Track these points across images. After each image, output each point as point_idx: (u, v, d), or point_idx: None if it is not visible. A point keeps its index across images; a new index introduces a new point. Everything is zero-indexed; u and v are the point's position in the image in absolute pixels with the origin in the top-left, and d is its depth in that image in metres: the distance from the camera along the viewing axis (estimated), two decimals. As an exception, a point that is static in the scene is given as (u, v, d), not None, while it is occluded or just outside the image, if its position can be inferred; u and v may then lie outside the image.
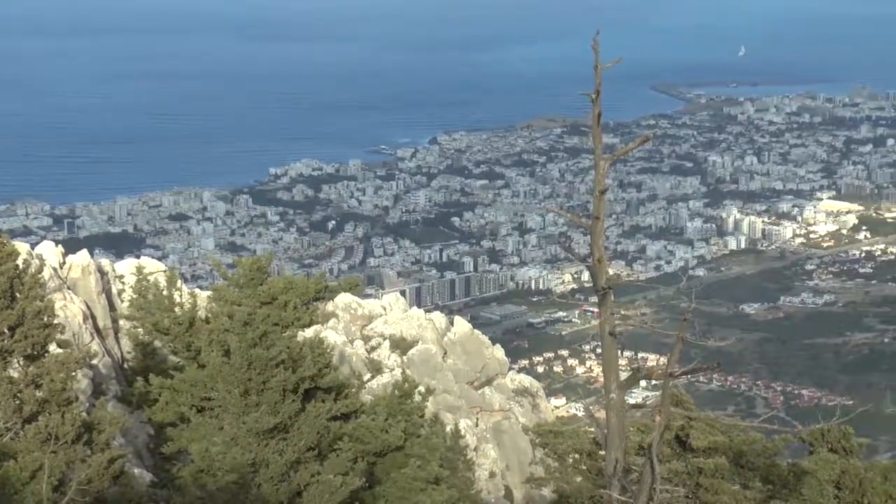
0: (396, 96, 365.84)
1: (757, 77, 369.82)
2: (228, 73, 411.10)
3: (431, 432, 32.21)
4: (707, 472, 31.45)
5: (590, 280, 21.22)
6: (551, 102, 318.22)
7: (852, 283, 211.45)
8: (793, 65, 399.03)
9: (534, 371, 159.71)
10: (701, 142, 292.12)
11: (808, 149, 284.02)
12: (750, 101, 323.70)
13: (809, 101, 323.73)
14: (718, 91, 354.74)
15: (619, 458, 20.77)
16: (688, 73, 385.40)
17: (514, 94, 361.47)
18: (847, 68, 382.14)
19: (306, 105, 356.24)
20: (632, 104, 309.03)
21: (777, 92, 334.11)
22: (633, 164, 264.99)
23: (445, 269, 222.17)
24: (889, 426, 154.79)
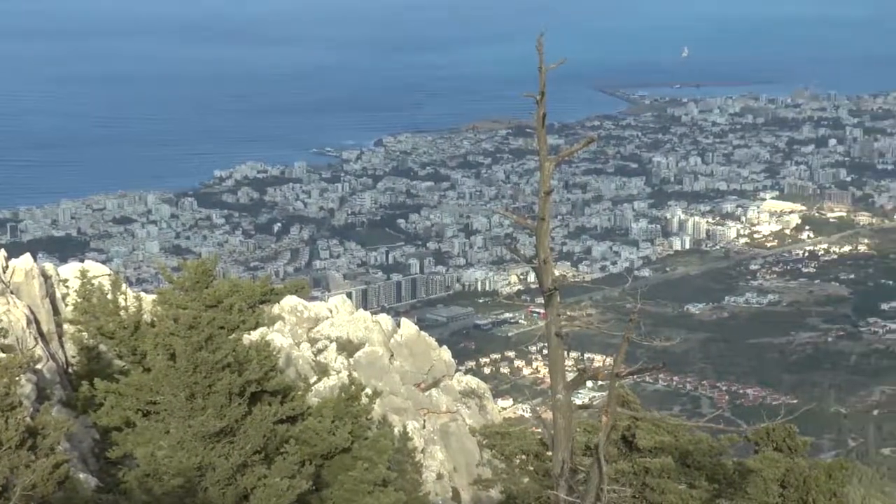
0: (341, 98, 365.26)
1: (700, 78, 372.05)
2: (174, 75, 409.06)
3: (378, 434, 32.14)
4: (653, 471, 31.59)
5: (536, 281, 21.24)
6: (496, 104, 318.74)
7: (796, 283, 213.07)
8: (735, 66, 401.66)
9: (481, 372, 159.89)
10: (645, 143, 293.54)
11: (752, 149, 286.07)
12: (694, 102, 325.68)
13: (752, 102, 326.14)
14: (662, 92, 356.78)
15: (566, 458, 20.81)
16: (632, 75, 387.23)
17: (459, 96, 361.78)
18: (789, 70, 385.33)
19: (251, 107, 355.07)
20: (576, 105, 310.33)
21: (720, 93, 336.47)
22: (578, 166, 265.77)
23: (391, 271, 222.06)
24: (833, 424, 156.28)
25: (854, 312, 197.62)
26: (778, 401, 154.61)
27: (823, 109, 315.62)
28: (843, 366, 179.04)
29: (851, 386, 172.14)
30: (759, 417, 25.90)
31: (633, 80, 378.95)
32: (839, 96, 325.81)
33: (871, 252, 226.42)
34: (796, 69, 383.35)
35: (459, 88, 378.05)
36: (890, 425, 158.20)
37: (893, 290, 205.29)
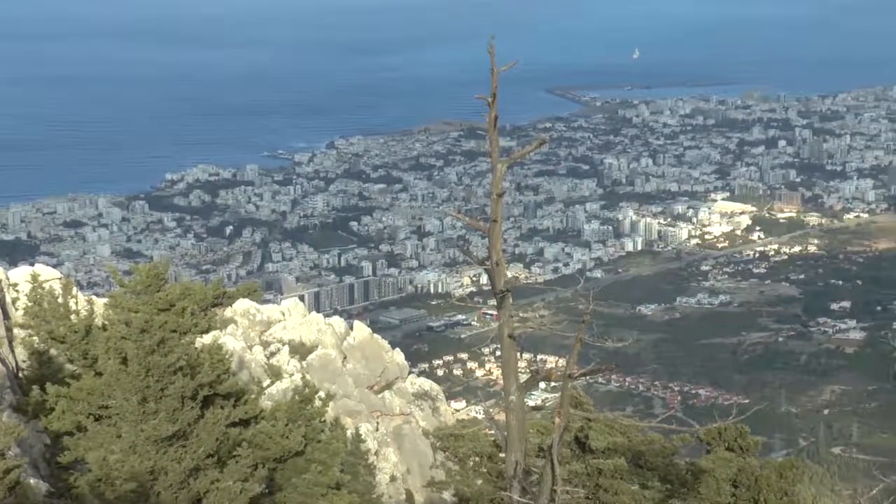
0: (293, 101, 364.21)
1: (651, 80, 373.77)
2: (125, 78, 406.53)
3: (332, 437, 32.09)
4: (606, 472, 31.69)
5: (488, 283, 21.27)
6: (448, 106, 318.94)
7: (747, 283, 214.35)
8: (686, 68, 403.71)
9: (433, 374, 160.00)
10: (597, 144, 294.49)
11: (702, 151, 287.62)
12: (644, 104, 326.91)
13: (703, 103, 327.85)
14: (613, 94, 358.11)
15: (519, 460, 20.84)
16: (583, 77, 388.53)
17: (410, 98, 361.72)
18: (739, 71, 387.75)
19: (203, 110, 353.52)
20: (528, 107, 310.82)
21: (671, 94, 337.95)
22: (530, 167, 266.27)
23: (344, 273, 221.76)
24: (784, 424, 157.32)
25: (804, 312, 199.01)
26: (729, 401, 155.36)
27: (773, 111, 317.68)
28: (793, 365, 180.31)
29: (802, 385, 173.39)
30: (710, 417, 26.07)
31: (585, 81, 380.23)
32: (788, 98, 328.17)
33: (821, 252, 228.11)
34: (746, 71, 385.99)
35: (411, 91, 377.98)
36: (840, 424, 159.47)
37: (843, 290, 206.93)
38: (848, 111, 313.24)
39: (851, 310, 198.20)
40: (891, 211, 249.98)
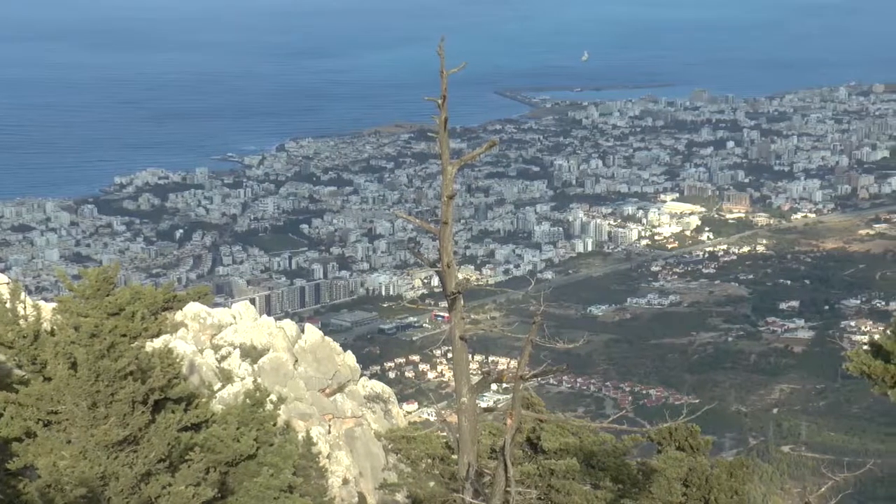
0: (243, 104, 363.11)
1: (600, 82, 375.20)
2: (72, 81, 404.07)
3: (284, 440, 32.01)
4: (559, 473, 31.77)
5: (440, 285, 21.28)
6: (398, 108, 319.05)
7: (696, 284, 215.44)
8: (635, 69, 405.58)
9: (385, 377, 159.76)
10: (547, 146, 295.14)
11: (652, 152, 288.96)
12: (594, 106, 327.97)
13: (652, 104, 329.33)
14: (563, 95, 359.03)
15: (471, 461, 20.86)
16: (533, 78, 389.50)
17: (360, 100, 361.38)
18: (687, 72, 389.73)
19: (151, 113, 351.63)
20: (478, 109, 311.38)
21: (620, 96, 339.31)
22: (480, 169, 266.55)
23: (295, 276, 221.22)
24: (734, 423, 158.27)
25: (753, 312, 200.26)
26: (680, 400, 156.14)
27: (721, 112, 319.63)
28: (743, 365, 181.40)
29: (751, 385, 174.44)
30: (661, 417, 26.15)
31: (535, 83, 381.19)
32: (736, 99, 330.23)
33: (770, 252, 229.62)
34: (694, 72, 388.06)
35: (361, 93, 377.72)
36: (789, 423, 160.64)
37: (791, 290, 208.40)
38: (795, 112, 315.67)
39: (800, 309, 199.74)
40: (838, 211, 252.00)
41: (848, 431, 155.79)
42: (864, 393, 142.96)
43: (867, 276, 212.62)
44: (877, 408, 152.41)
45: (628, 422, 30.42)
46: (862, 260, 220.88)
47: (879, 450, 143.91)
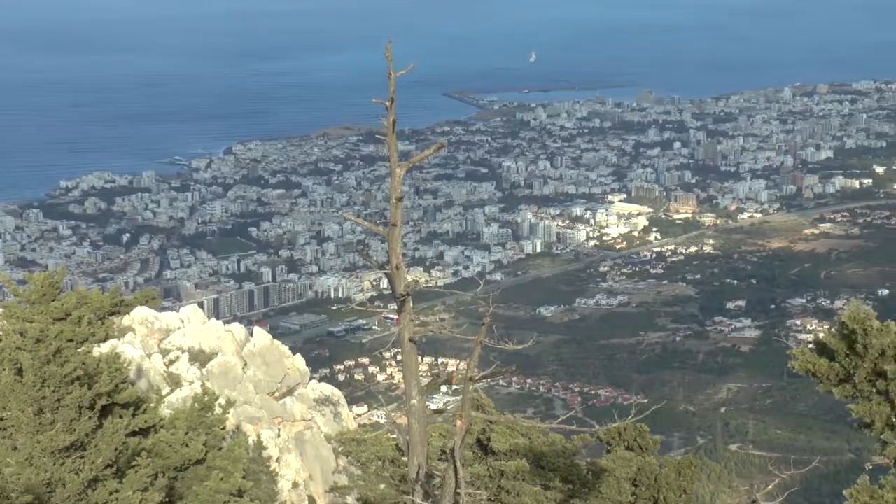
0: (189, 107, 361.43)
1: (548, 83, 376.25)
2: (14, 83, 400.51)
3: (233, 444, 31.89)
4: (509, 474, 31.81)
5: (389, 287, 21.28)
6: (346, 111, 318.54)
7: (644, 284, 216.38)
8: (582, 71, 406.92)
9: (335, 380, 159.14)
10: (495, 147, 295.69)
11: (599, 153, 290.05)
12: (542, 107, 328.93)
13: (599, 106, 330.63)
14: (511, 97, 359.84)
15: (421, 463, 20.87)
16: (480, 80, 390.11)
17: (308, 103, 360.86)
18: (633, 74, 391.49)
19: (96, 117, 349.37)
20: (426, 111, 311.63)
21: (568, 97, 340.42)
22: (428, 171, 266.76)
23: (243, 279, 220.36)
24: (682, 422, 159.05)
25: (701, 312, 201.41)
26: (629, 400, 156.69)
27: (668, 113, 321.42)
28: (690, 364, 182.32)
29: (699, 384, 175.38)
30: (610, 417, 26.26)
31: (482, 85, 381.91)
32: (683, 100, 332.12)
33: (716, 252, 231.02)
34: (641, 73, 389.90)
35: (309, 95, 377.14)
36: (736, 422, 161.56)
37: (738, 290, 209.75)
38: (740, 113, 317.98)
39: (746, 309, 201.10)
40: (783, 211, 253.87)
41: (794, 429, 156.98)
42: (810, 391, 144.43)
43: (812, 275, 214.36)
44: (822, 405, 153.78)
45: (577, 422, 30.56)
46: (807, 259, 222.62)
47: (825, 447, 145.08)
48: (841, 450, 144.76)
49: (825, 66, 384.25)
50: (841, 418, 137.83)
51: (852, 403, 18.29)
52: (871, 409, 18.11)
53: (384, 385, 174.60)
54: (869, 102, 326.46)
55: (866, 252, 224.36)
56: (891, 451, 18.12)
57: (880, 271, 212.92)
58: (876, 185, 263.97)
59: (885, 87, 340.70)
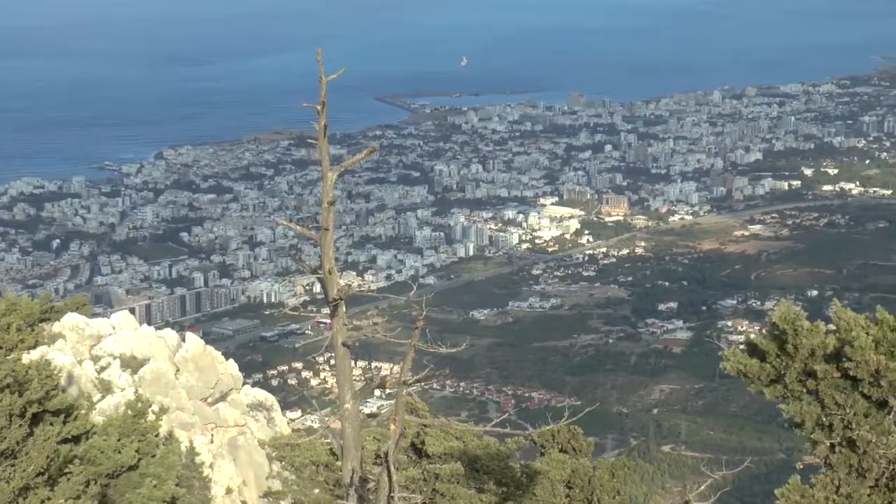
0: (119, 112, 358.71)
1: (479, 87, 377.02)
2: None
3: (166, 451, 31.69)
4: (443, 477, 31.83)
5: (321, 292, 21.22)
6: (277, 115, 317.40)
7: (577, 286, 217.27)
8: (513, 74, 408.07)
9: (268, 385, 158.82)
10: (427, 151, 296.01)
11: (531, 156, 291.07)
12: (473, 111, 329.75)
13: (530, 109, 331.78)
14: (442, 101, 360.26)
15: (355, 467, 20.83)
16: (412, 84, 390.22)
17: (239, 108, 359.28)
18: (564, 77, 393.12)
19: (24, 122, 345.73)
20: (358, 115, 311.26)
21: (499, 101, 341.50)
22: (361, 175, 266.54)
23: (175, 285, 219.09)
24: (615, 424, 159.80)
25: (633, 314, 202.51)
26: (562, 402, 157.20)
27: (599, 116, 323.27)
28: (623, 366, 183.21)
29: (632, 386, 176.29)
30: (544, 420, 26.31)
31: (414, 89, 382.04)
32: (613, 102, 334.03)
33: (648, 254, 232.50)
34: (571, 77, 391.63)
35: (239, 100, 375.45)
36: (669, 423, 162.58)
37: (670, 291, 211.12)
38: (671, 115, 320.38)
39: (678, 310, 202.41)
40: (713, 212, 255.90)
41: (726, 430, 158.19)
42: (742, 392, 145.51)
43: (743, 276, 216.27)
44: (753, 406, 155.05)
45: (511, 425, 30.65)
46: (737, 261, 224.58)
47: (757, 447, 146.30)
48: (772, 450, 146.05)
49: (753, 69, 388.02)
50: (772, 418, 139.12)
51: (783, 403, 18.47)
52: (802, 408, 18.30)
53: (318, 390, 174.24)
54: (797, 105, 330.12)
55: (796, 253, 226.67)
56: (821, 450, 18.31)
57: (809, 272, 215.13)
58: (805, 186, 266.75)
59: (813, 90, 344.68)
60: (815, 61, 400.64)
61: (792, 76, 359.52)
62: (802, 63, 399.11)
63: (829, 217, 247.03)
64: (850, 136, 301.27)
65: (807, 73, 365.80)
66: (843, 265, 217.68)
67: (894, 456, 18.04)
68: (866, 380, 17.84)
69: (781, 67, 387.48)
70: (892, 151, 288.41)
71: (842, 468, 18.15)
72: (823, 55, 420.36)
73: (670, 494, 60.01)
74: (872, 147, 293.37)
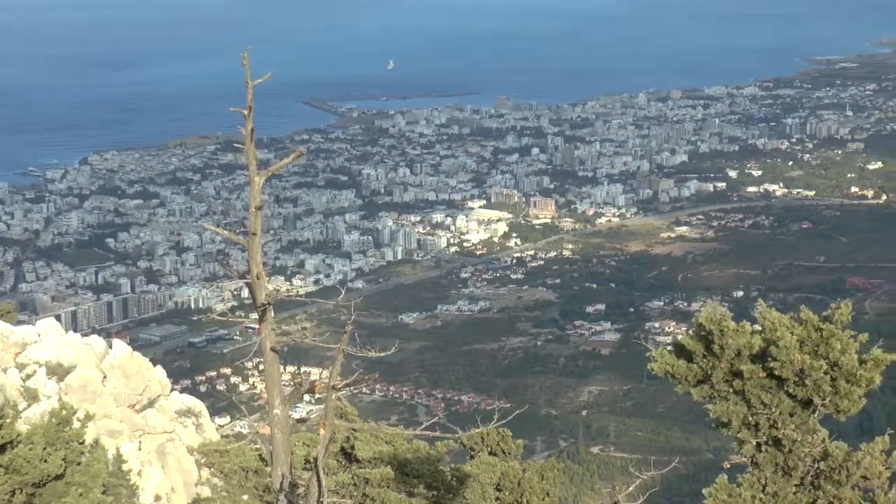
0: (43, 117, 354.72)
1: (406, 90, 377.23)
2: None
3: (92, 459, 31.40)
4: (373, 482, 31.81)
5: (249, 297, 21.13)
6: (204, 119, 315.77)
7: (505, 289, 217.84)
8: (440, 78, 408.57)
9: (197, 391, 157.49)
10: (354, 155, 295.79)
11: (459, 159, 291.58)
12: (401, 114, 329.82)
13: (458, 112, 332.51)
14: (369, 105, 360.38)
15: (285, 473, 20.77)
16: (339, 88, 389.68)
17: (165, 113, 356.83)
18: (491, 81, 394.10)
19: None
20: (285, 120, 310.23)
21: (426, 104, 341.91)
22: (288, 180, 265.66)
23: (102, 291, 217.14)
24: (545, 426, 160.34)
25: (561, 316, 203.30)
26: (491, 405, 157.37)
27: (526, 119, 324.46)
28: (552, 368, 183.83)
29: (561, 388, 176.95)
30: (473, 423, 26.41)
31: (341, 93, 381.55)
32: (540, 106, 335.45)
33: (576, 257, 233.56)
34: (497, 80, 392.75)
35: (165, 105, 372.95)
36: (598, 424, 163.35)
37: (597, 293, 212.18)
38: (597, 118, 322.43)
39: (606, 312, 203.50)
40: (640, 214, 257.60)
41: (654, 430, 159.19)
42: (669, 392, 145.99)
43: (670, 277, 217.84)
44: (681, 406, 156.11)
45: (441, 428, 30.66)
46: (664, 262, 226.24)
47: (684, 447, 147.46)
48: (700, 449, 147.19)
49: (678, 72, 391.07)
50: (699, 418, 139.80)
51: (710, 404, 18.64)
52: (728, 408, 18.47)
53: (247, 395, 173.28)
54: (721, 107, 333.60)
55: (721, 254, 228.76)
56: (747, 449, 18.49)
57: (735, 273, 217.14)
58: (729, 188, 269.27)
59: (737, 93, 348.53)
60: (739, 64, 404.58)
61: (715, 79, 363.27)
62: (726, 66, 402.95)
63: (753, 218, 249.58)
64: (773, 137, 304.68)
65: (730, 75, 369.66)
66: (768, 266, 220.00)
67: (819, 454, 18.26)
68: (791, 379, 18.04)
69: (705, 70, 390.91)
70: (815, 153, 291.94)
71: (768, 467, 18.34)
72: (746, 58, 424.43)
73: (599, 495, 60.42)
74: (795, 148, 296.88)
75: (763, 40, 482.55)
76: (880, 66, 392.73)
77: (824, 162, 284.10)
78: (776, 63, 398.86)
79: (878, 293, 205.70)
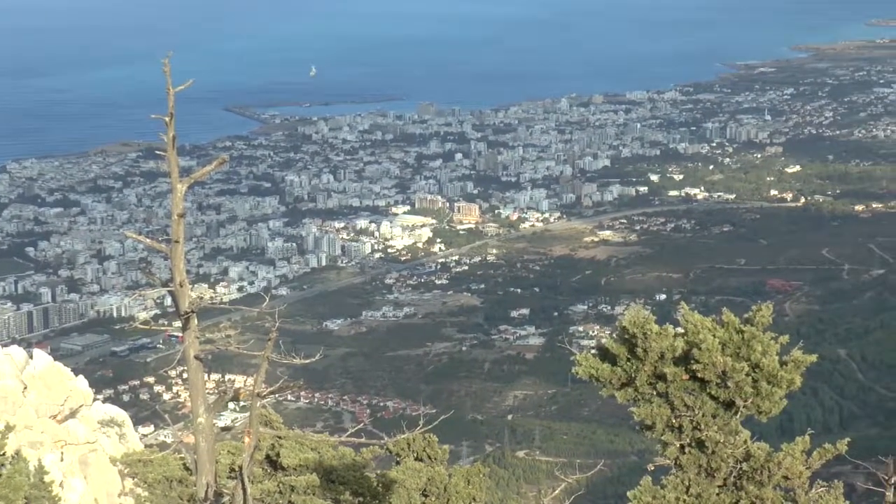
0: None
1: (329, 97, 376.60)
2: None
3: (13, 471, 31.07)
4: (299, 489, 31.72)
5: (173, 305, 21.01)
6: (124, 127, 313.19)
7: (430, 295, 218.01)
8: (362, 84, 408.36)
9: (120, 400, 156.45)
10: (278, 162, 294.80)
11: (382, 165, 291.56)
12: (324, 121, 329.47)
13: (381, 118, 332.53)
14: (292, 111, 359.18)
15: (210, 482, 20.65)
16: (261, 94, 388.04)
17: (85, 120, 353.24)
18: (413, 86, 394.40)
19: None
20: (207, 127, 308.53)
21: (349, 111, 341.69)
22: (211, 187, 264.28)
23: (22, 300, 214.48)
24: (470, 431, 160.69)
25: (486, 321, 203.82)
26: (417, 411, 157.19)
27: (449, 124, 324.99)
28: (477, 373, 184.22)
29: (486, 392, 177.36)
30: (399, 428, 26.38)
31: (263, 99, 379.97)
32: (463, 111, 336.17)
33: (500, 261, 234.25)
34: (420, 86, 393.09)
35: (85, 112, 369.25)
36: (523, 428, 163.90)
37: (522, 298, 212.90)
38: (520, 123, 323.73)
39: (530, 316, 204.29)
40: (564, 219, 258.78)
41: (579, 434, 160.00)
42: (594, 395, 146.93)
43: (593, 281, 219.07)
44: (605, 409, 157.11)
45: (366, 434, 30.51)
46: (588, 266, 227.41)
47: (609, 450, 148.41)
48: (624, 452, 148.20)
49: (599, 77, 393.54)
50: (624, 421, 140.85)
51: (634, 406, 18.77)
52: (652, 411, 18.61)
53: (170, 404, 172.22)
54: (642, 112, 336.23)
55: (644, 258, 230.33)
56: (671, 451, 18.64)
57: (658, 276, 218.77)
58: (651, 192, 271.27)
59: (657, 97, 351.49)
60: (659, 69, 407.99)
61: (637, 84, 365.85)
62: (647, 71, 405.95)
63: (675, 222, 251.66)
64: (694, 142, 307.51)
65: (651, 80, 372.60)
66: (690, 269, 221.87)
67: (741, 455, 18.44)
68: (714, 381, 18.21)
69: (626, 76, 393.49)
70: (735, 157, 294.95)
71: (691, 468, 18.50)
72: (667, 63, 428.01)
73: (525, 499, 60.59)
74: (716, 153, 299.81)
75: (683, 46, 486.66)
76: (798, 71, 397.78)
77: (744, 165, 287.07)
78: (696, 68, 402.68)
79: (797, 295, 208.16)
